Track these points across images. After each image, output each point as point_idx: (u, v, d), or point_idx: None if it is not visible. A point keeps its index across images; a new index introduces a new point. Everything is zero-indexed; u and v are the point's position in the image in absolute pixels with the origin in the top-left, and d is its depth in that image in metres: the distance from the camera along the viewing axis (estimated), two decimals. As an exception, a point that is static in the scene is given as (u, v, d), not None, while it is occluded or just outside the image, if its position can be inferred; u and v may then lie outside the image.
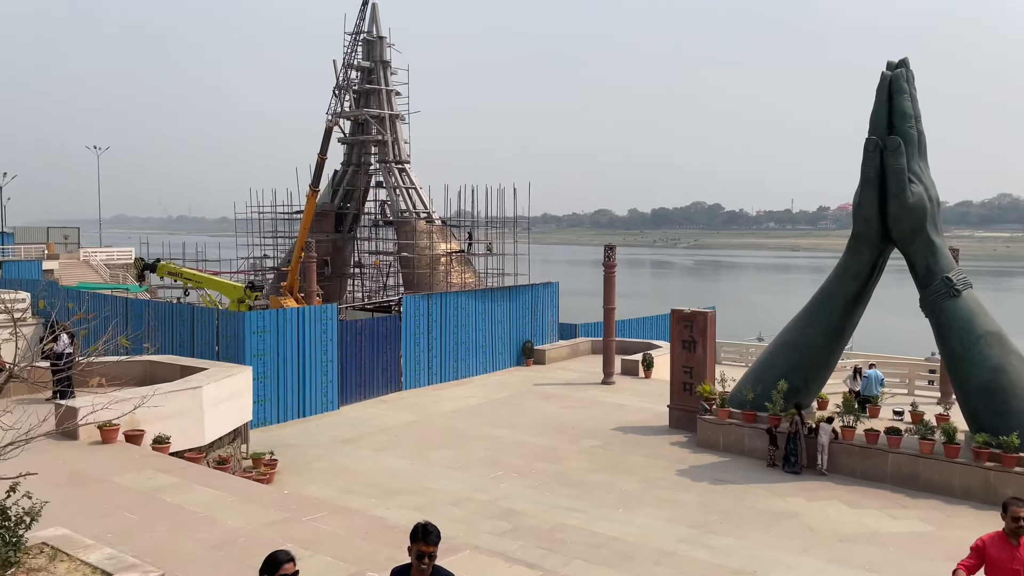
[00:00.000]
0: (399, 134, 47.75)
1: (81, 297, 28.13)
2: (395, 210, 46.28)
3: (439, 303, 26.40)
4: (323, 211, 46.81)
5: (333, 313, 22.58)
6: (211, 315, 22.23)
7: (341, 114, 47.39)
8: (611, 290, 26.48)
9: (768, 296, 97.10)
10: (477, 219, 45.48)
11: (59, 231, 78.82)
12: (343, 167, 49.27)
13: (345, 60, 47.53)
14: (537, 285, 31.14)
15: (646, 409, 22.25)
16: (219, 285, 37.04)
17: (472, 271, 45.17)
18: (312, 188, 39.85)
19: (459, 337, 27.00)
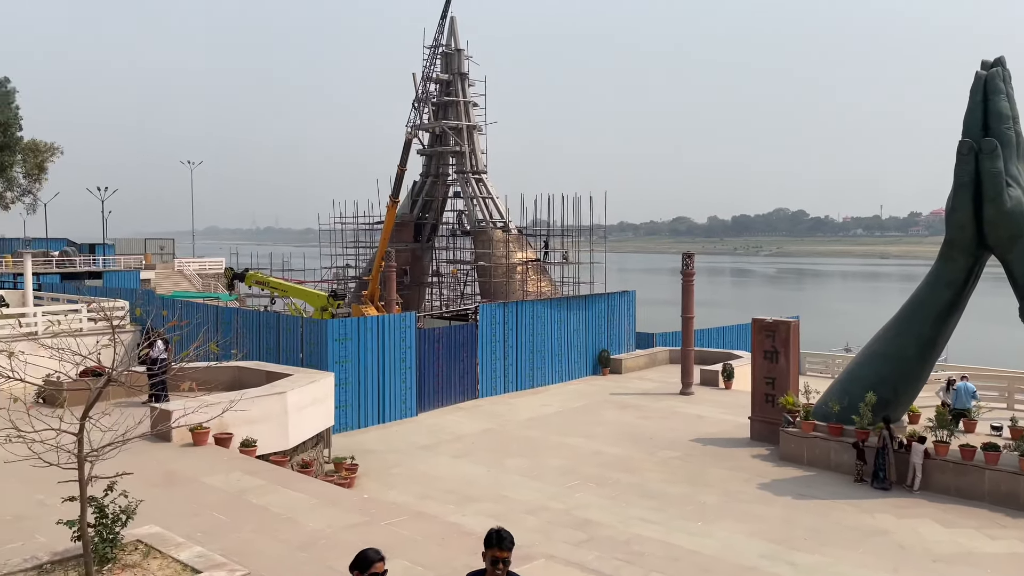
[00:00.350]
0: (476, 145, 48.26)
1: (175, 305, 29.41)
2: (472, 220, 46.74)
3: (515, 312, 26.48)
4: (403, 221, 47.67)
5: (412, 321, 22.93)
6: (296, 323, 22.89)
7: (420, 126, 48.24)
8: (689, 299, 26.03)
9: (855, 305, 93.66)
10: (553, 228, 45.46)
11: (155, 242, 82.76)
12: (422, 178, 50.11)
13: (424, 73, 48.39)
14: (613, 294, 30.88)
15: (726, 420, 21.73)
16: (303, 294, 38.16)
17: (548, 280, 45.16)
18: (392, 199, 40.65)
19: (535, 346, 27.00)
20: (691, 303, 26.08)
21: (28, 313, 27.33)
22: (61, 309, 29.31)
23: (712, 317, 50.29)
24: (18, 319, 25.95)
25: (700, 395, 25.49)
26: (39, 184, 58.14)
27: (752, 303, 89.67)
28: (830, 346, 44.85)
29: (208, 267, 71.35)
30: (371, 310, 36.20)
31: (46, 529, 9.18)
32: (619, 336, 30.56)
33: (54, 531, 8.58)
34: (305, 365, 20.90)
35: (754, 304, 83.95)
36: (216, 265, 71.30)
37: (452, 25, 48.55)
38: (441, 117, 48.23)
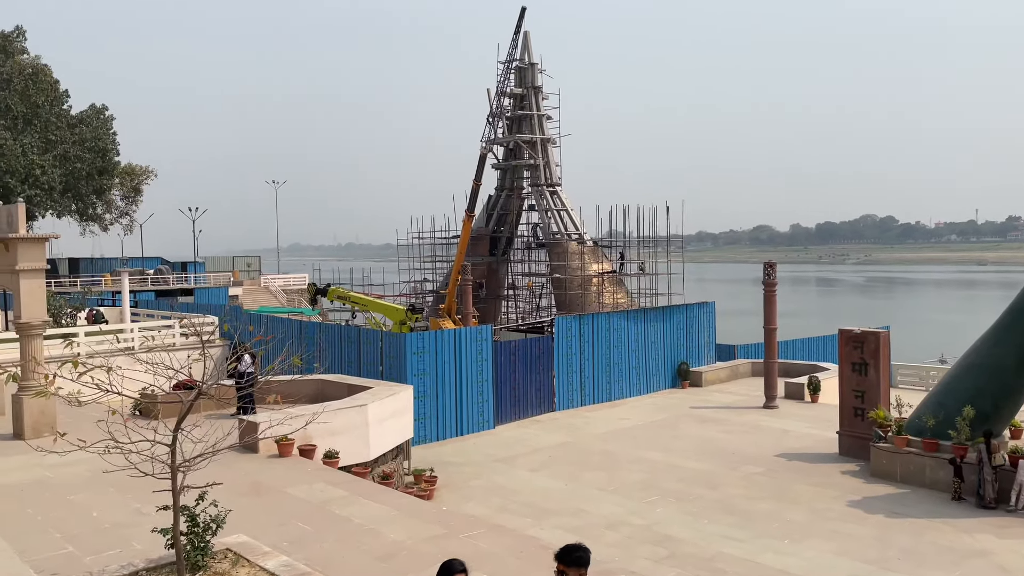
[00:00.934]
0: (550, 157, 48.37)
1: (261, 320, 30.44)
2: (547, 232, 46.80)
3: (591, 324, 26.33)
4: (478, 235, 48.10)
5: (488, 334, 23.07)
6: (375, 336, 23.34)
7: (494, 141, 48.68)
8: (772, 309, 25.35)
9: (950, 315, 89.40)
10: (629, 239, 45.08)
11: (243, 260, 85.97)
12: (497, 192, 50.51)
13: (498, 88, 48.89)
14: (692, 305, 30.35)
15: (813, 435, 21.02)
16: (383, 308, 38.92)
17: (624, 291, 44.75)
18: (468, 213, 41.16)
19: (612, 358, 26.76)
20: (774, 314, 25.40)
21: (125, 329, 28.78)
22: (155, 325, 30.75)
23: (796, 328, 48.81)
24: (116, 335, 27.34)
25: (784, 409, 24.74)
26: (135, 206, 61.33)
27: (839, 313, 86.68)
28: (923, 357, 42.96)
29: (292, 283, 73.62)
30: (448, 323, 36.60)
31: (142, 536, 9.60)
32: (699, 348, 30.00)
33: (149, 538, 8.96)
34: (385, 378, 21.26)
35: (841, 314, 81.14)
36: (300, 281, 73.52)
37: (525, 40, 48.91)
38: (515, 131, 48.56)
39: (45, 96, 50.31)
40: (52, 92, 51.23)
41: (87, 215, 57.24)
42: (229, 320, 31.52)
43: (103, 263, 74.16)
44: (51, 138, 49.84)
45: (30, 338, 15.32)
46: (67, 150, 50.76)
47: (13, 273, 15.10)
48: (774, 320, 25.41)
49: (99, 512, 11.12)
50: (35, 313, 15.18)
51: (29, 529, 10.52)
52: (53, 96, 51.26)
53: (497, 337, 27.45)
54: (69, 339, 13.22)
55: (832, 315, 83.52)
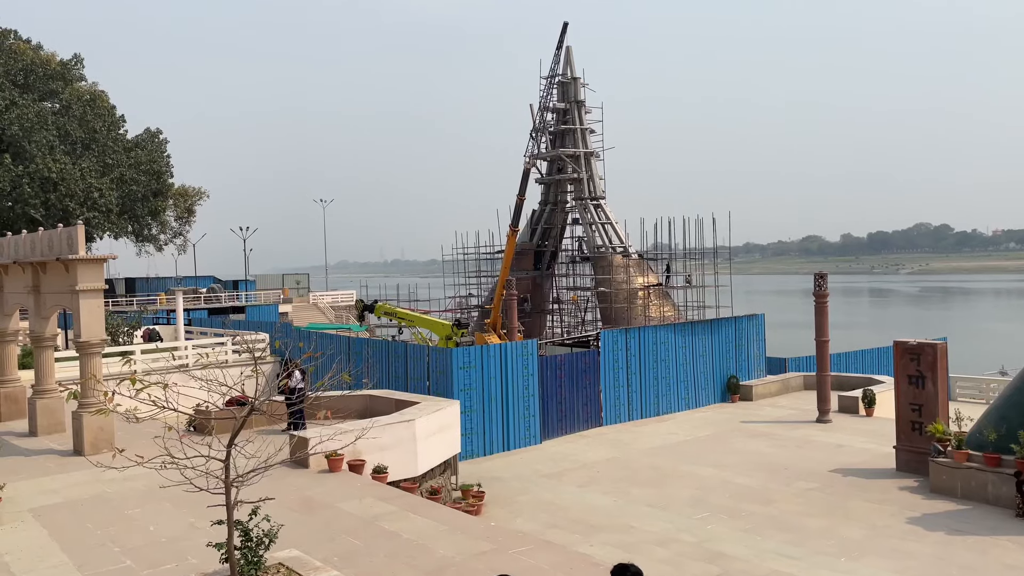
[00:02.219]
0: (594, 171, 48.34)
1: (310, 337, 30.88)
2: (591, 246, 46.69)
3: (637, 337, 26.14)
4: (522, 250, 48.20)
5: (534, 348, 23.06)
6: (422, 352, 23.51)
7: (538, 156, 48.86)
8: (823, 321, 24.86)
9: (1011, 325, 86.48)
10: (675, 251, 44.70)
11: (292, 277, 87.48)
12: (541, 206, 50.60)
13: (541, 103, 49.11)
14: (741, 317, 29.93)
15: (868, 450, 20.49)
16: (429, 323, 39.18)
17: (671, 304, 44.33)
18: (512, 228, 41.27)
19: (659, 372, 26.51)
20: (825, 326, 24.90)
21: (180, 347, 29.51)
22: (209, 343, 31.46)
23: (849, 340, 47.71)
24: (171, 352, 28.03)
25: (838, 423, 24.19)
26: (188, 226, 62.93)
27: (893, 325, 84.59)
28: (983, 369, 41.60)
29: (340, 300, 74.59)
30: (493, 338, 36.65)
31: (197, 551, 9.79)
32: (748, 361, 29.54)
33: (204, 552, 9.13)
34: (431, 393, 21.38)
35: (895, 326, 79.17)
36: (347, 297, 74.49)
37: (568, 54, 49.08)
38: (559, 145, 48.66)
39: (103, 121, 52.09)
40: (109, 117, 53.02)
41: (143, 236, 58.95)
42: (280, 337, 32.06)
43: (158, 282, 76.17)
44: (108, 162, 51.52)
45: (89, 356, 15.78)
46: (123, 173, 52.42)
47: (73, 293, 15.60)
48: (826, 332, 24.90)
49: (156, 526, 11.37)
50: (94, 332, 15.64)
51: (89, 544, 10.80)
52: (110, 121, 53.04)
53: (543, 352, 27.44)
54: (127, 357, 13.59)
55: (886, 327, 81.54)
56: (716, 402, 28.15)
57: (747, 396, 28.40)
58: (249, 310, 62.61)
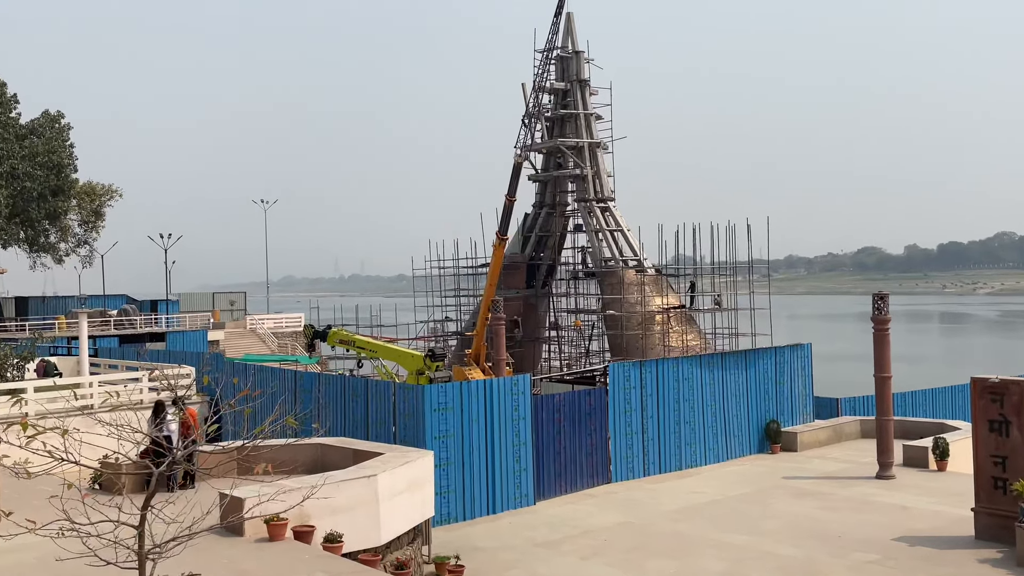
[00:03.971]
0: (600, 166, 48.62)
1: (247, 371, 30.74)
2: (598, 258, 46.88)
3: (655, 372, 26.14)
4: (512, 263, 48.31)
5: (526, 386, 23.01)
6: (387, 390, 23.41)
7: (531, 147, 49.13)
8: (884, 353, 24.96)
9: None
10: (701, 266, 44.96)
11: (225, 297, 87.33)
12: (535, 209, 50.81)
13: (536, 83, 49.41)
14: (783, 348, 30.01)
15: (941, 513, 20.54)
16: (396, 354, 39.13)
17: (696, 331, 44.50)
18: (499, 236, 41.39)
19: (682, 415, 26.51)
20: (887, 358, 25.00)
21: (84, 384, 29.29)
22: (120, 378, 31.23)
23: (916, 376, 47.90)
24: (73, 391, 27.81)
25: (903, 479, 24.25)
26: (96, 233, 62.73)
27: (970, 357, 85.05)
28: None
29: (284, 324, 74.44)
30: (476, 373, 36.62)
31: (103, 639, 9.66)
32: (792, 402, 29.58)
33: (111, 642, 9.01)
34: (398, 441, 21.26)
35: (973, 359, 79.59)
36: (294, 322, 74.34)
37: (568, 23, 49.50)
38: (557, 134, 48.96)
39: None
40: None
41: (38, 244, 58.67)
42: (209, 371, 31.89)
43: (57, 303, 75.75)
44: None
45: (-30, 395, 15.64)
46: (14, 166, 52.24)
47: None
48: (888, 366, 24.99)
49: (50, 609, 11.22)
50: (-24, 364, 15.51)
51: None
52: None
53: (537, 390, 27.25)
54: (16, 396, 13.49)
55: (962, 359, 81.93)
56: (752, 453, 28.13)
57: (790, 446, 28.40)
58: (171, 337, 62.34)
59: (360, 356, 40.01)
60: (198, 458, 14.07)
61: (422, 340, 51.09)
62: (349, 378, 27.97)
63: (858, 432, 30.35)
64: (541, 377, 35.06)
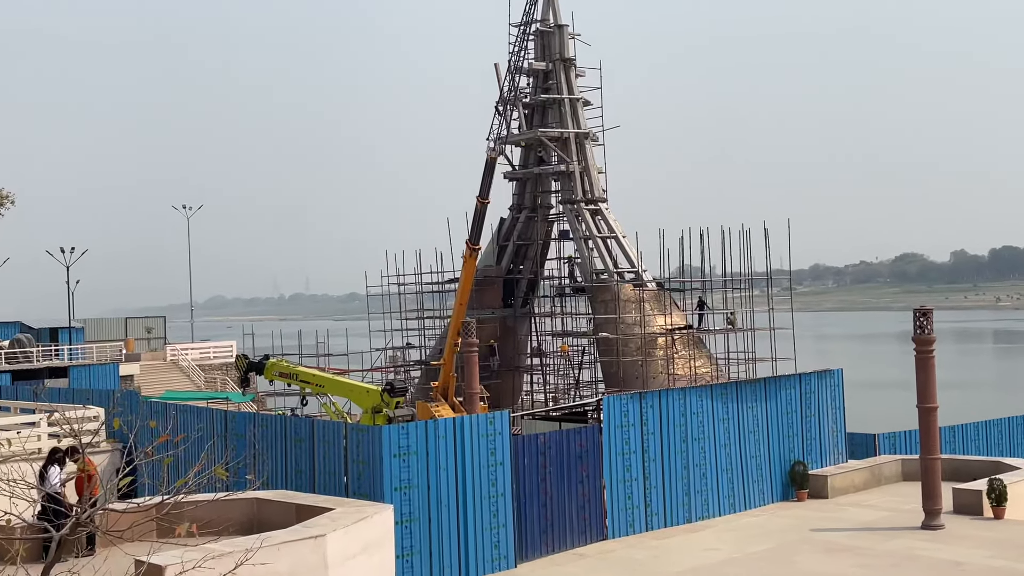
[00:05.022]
0: (589, 161, 48.72)
1: (167, 411, 30.47)
2: (588, 271, 46.94)
3: (658, 406, 26.15)
4: (486, 277, 48.28)
5: (505, 424, 22.94)
6: (336, 432, 23.26)
7: (507, 139, 49.15)
8: (929, 379, 25.09)
9: None
10: (711, 279, 45.12)
11: (140, 322, 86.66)
12: (512, 213, 50.82)
13: (511, 63, 49.52)
14: (809, 375, 30.12)
15: (999, 569, 20.63)
16: (347, 389, 38.93)
17: (705, 356, 44.62)
18: (470, 246, 41.41)
19: (690, 457, 26.51)
20: (932, 385, 25.12)
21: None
22: (12, 423, 30.89)
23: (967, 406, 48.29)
24: (-45, 438, 27.49)
25: (954, 528, 24.35)
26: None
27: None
28: None
29: (213, 355, 73.96)
30: (445, 410, 36.53)
31: None
32: (820, 440, 29.66)
33: None
34: (351, 494, 21.13)
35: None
36: (224, 351, 73.88)
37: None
38: (537, 124, 49.07)
39: None
40: None
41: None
42: (121, 412, 31.59)
43: (-66, 332, 74.87)
44: None
45: None
46: None
47: None
48: (933, 396, 25.11)
49: None
50: None
51: None
52: None
53: (518, 429, 27.18)
54: None
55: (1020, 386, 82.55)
56: (775, 501, 28.16)
57: (820, 491, 28.45)
58: (74, 372, 61.72)
59: (304, 392, 39.77)
60: (104, 517, 13.90)
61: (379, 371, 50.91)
62: (291, 418, 27.79)
63: (899, 474, 30.45)
64: (522, 414, 34.99)
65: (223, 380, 65.64)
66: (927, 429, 25.20)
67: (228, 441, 26.55)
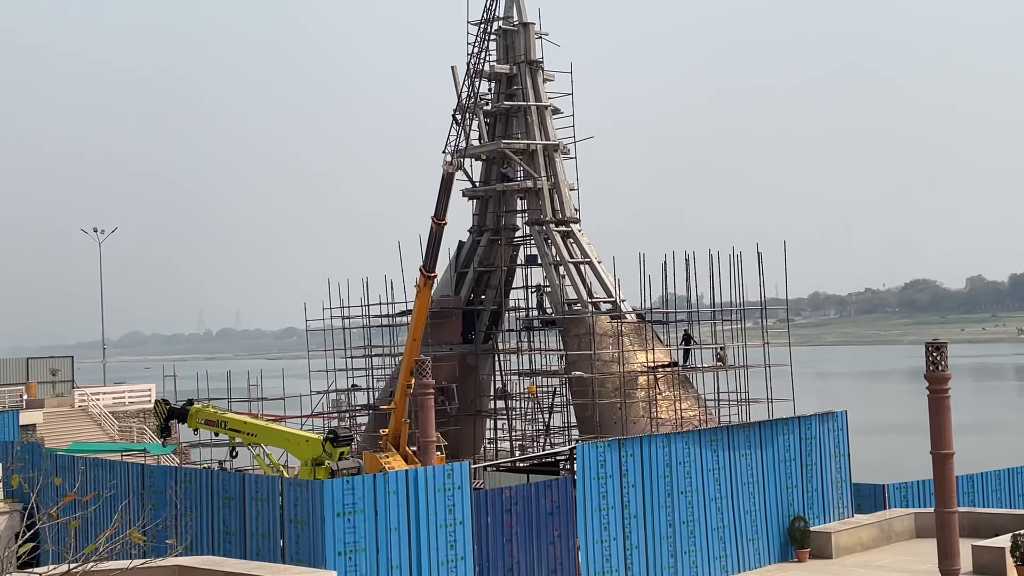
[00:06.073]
0: (559, 176, 48.86)
1: (75, 466, 30.11)
2: (559, 301, 46.97)
3: (639, 454, 26.15)
4: (443, 309, 48.20)
5: (465, 477, 22.87)
6: (271, 488, 23.10)
7: (466, 151, 49.17)
8: (944, 422, 25.25)
9: None
10: (698, 310, 45.29)
11: (44, 363, 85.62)
12: (472, 236, 50.83)
13: (470, 66, 49.57)
14: (809, 418, 30.24)
15: (1025, 636, 20.74)
16: (284, 438, 38.64)
17: (693, 397, 44.74)
18: (424, 273, 41.32)
19: (676, 513, 26.52)
20: (947, 430, 25.27)
21: None
22: None
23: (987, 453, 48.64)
24: None
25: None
26: None
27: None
28: None
29: (129, 400, 73.21)
30: (396, 461, 36.34)
31: None
32: (822, 492, 29.76)
33: None
34: (288, 559, 20.98)
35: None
36: (141, 396, 73.15)
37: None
38: (500, 134, 49.19)
39: None
40: None
41: None
42: (21, 468, 31.23)
43: None
44: None
45: None
46: None
47: None
48: (949, 441, 25.25)
49: None
50: None
51: None
52: None
53: (480, 482, 27.08)
54: None
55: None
56: (772, 562, 28.21)
57: (823, 550, 28.53)
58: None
59: (234, 442, 39.44)
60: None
61: (320, 418, 50.61)
62: (218, 473, 27.58)
63: (912, 529, 30.59)
64: (485, 465, 34.88)
65: (140, 429, 64.95)
66: (942, 479, 25.32)
67: (146, 500, 26.25)
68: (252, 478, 25.12)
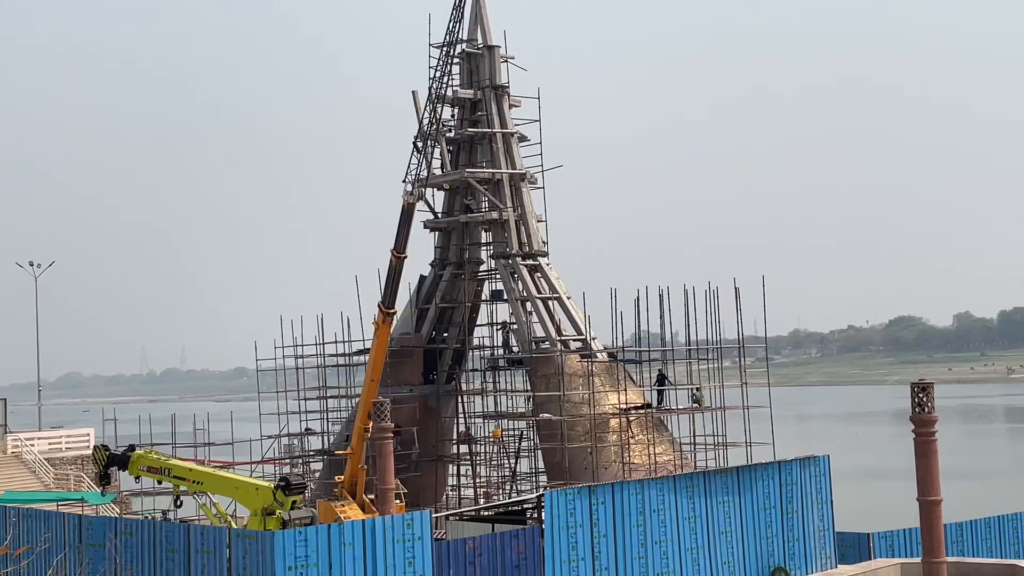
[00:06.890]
0: (527, 207, 48.97)
1: (6, 517, 29.77)
2: (525, 339, 46.96)
3: (611, 502, 26.13)
4: (403, 347, 48.09)
5: (426, 527, 22.79)
6: (219, 540, 22.94)
7: (427, 181, 49.20)
8: (931, 467, 25.40)
9: None
10: (672, 348, 45.36)
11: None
12: (434, 270, 50.82)
13: (432, 90, 49.70)
14: (790, 463, 30.34)
15: None
16: (232, 486, 38.34)
17: (667, 441, 44.77)
18: (383, 309, 41.20)
19: (650, 565, 26.49)
20: (934, 475, 25.42)
21: None
22: None
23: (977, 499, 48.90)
24: None
25: (965, 646, 24.52)
26: None
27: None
28: None
29: (65, 445, 72.51)
30: (353, 510, 36.09)
31: None
32: (804, 541, 29.82)
33: None
34: (236, 616, 20.79)
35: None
36: (79, 442, 72.45)
37: (478, 8, 50.06)
38: (464, 163, 49.27)
39: None
40: None
41: None
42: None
43: None
44: None
45: None
46: None
47: None
48: (936, 487, 25.39)
49: None
50: None
51: None
52: None
53: (442, 532, 26.98)
54: None
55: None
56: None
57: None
58: None
59: (178, 490, 39.10)
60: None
61: (271, 464, 50.29)
62: (162, 524, 27.34)
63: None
64: (447, 514, 34.74)
65: (77, 477, 64.25)
66: (930, 527, 25.42)
67: (83, 553, 25.98)
68: (198, 529, 24.92)
